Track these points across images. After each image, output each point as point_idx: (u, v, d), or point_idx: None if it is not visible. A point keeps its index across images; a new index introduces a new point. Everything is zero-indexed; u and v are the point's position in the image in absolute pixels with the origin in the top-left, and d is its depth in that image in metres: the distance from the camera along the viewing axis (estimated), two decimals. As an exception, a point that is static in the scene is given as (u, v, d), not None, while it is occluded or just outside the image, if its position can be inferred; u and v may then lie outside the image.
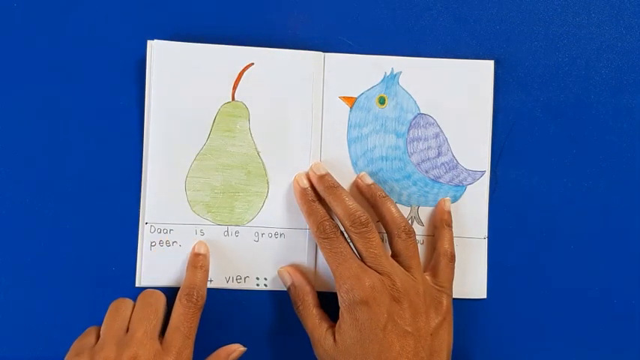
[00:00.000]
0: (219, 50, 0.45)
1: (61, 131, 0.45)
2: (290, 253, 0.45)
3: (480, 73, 0.46)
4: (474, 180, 0.46)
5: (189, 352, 0.40)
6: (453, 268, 0.44)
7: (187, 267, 0.44)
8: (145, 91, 0.45)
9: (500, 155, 0.46)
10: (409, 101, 0.46)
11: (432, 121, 0.46)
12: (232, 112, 0.45)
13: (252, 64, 0.45)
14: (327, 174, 0.44)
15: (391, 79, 0.46)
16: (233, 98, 0.45)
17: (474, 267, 0.46)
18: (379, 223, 0.44)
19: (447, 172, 0.46)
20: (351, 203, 0.42)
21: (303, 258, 0.45)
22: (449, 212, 0.45)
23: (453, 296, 0.43)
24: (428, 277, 0.43)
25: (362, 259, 0.41)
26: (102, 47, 0.45)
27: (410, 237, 0.42)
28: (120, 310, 0.41)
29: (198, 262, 0.43)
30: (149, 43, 0.45)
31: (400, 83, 0.46)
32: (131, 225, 0.45)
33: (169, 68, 0.44)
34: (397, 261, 0.42)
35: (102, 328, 0.41)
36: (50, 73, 0.45)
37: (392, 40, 0.46)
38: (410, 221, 0.46)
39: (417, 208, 0.46)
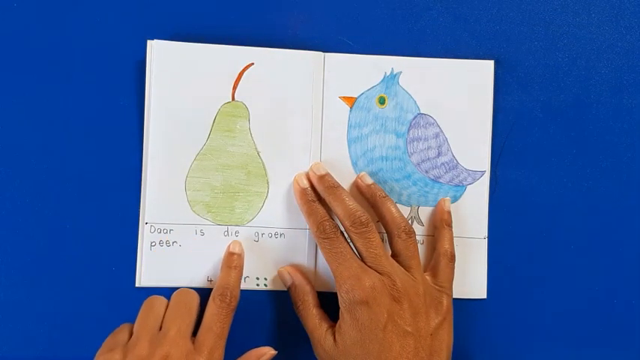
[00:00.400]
0: (219, 50, 0.45)
1: (61, 131, 0.45)
2: (290, 253, 0.45)
3: (480, 73, 0.46)
4: (474, 180, 0.46)
5: (220, 352, 0.40)
6: (453, 268, 0.44)
7: (222, 266, 0.44)
8: (145, 91, 0.45)
9: (500, 155, 0.46)
10: (409, 101, 0.46)
11: (432, 121, 0.46)
12: (232, 112, 0.45)
13: (252, 64, 0.45)
14: (327, 174, 0.44)
15: (391, 79, 0.46)
16: (233, 98, 0.45)
17: (474, 267, 0.46)
18: (379, 223, 0.44)
19: (447, 172, 0.46)
20: (351, 203, 0.42)
21: (303, 258, 0.45)
22: (449, 212, 0.45)
23: (453, 296, 0.43)
24: (428, 277, 0.43)
25: (362, 259, 0.41)
26: (102, 47, 0.45)
27: (410, 237, 0.42)
28: (154, 307, 0.41)
29: (232, 262, 0.43)
30: (149, 43, 0.45)
31: (400, 83, 0.46)
32: (131, 225, 0.45)
33: (169, 68, 0.45)
34: (397, 261, 0.42)
35: (135, 324, 0.41)
36: (50, 73, 0.45)
37: (392, 40, 0.46)
38: (410, 221, 0.46)
39: (417, 208, 0.46)
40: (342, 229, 0.42)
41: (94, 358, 0.40)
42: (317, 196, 0.44)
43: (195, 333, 0.41)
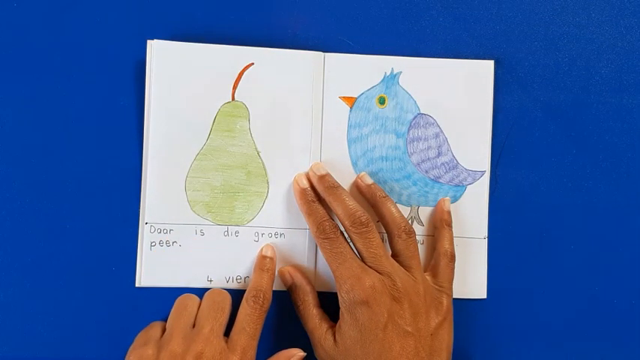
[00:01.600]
0: (219, 50, 0.45)
1: (61, 131, 0.45)
2: (290, 253, 0.45)
3: (480, 73, 0.46)
4: (474, 180, 0.46)
5: (253, 352, 0.40)
6: (453, 268, 0.44)
7: (254, 269, 0.44)
8: (145, 91, 0.45)
9: (500, 155, 0.46)
10: (409, 101, 0.46)
11: (432, 121, 0.46)
12: (232, 112, 0.45)
13: (252, 64, 0.45)
14: (327, 174, 0.44)
15: (391, 79, 0.46)
16: (233, 98, 0.45)
17: (474, 267, 0.46)
18: (379, 223, 0.44)
19: (447, 172, 0.46)
20: (352, 203, 0.42)
21: (303, 258, 0.45)
22: (449, 212, 0.45)
23: (453, 296, 0.43)
24: (428, 277, 0.43)
25: (362, 259, 0.41)
26: (102, 47, 0.45)
27: (410, 237, 0.42)
28: (187, 305, 0.42)
29: (265, 265, 0.44)
30: (149, 42, 0.45)
31: (400, 83, 0.46)
32: (131, 225, 0.45)
33: (169, 68, 0.44)
34: (397, 261, 0.42)
35: (168, 321, 0.42)
36: (50, 73, 0.45)
37: (392, 40, 0.46)
38: (410, 221, 0.46)
39: (417, 208, 0.46)
40: (342, 229, 0.43)
41: (127, 353, 0.40)
42: (317, 196, 0.44)
43: (227, 333, 0.41)
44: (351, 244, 0.42)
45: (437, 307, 0.42)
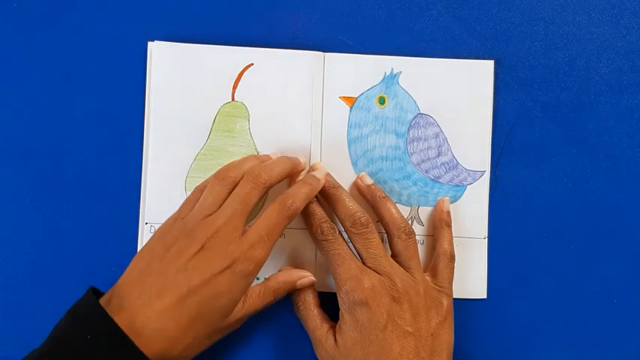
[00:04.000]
0: (219, 50, 0.45)
1: (61, 132, 0.45)
2: (290, 253, 0.45)
3: (480, 73, 0.46)
4: (474, 180, 0.46)
5: (264, 251, 0.39)
6: (453, 268, 0.44)
7: (298, 181, 0.43)
8: (145, 91, 0.45)
9: (500, 155, 0.46)
10: (409, 101, 0.46)
11: (432, 121, 0.46)
12: (232, 112, 0.45)
13: (252, 64, 0.45)
14: (327, 174, 0.44)
15: (391, 79, 0.46)
16: (233, 98, 0.45)
17: (474, 267, 0.46)
18: (379, 223, 0.44)
19: (447, 172, 0.46)
20: (352, 204, 0.42)
21: (303, 258, 0.45)
22: (448, 212, 0.45)
23: (453, 296, 0.43)
24: (428, 278, 0.43)
25: (362, 260, 0.41)
26: (102, 48, 0.45)
27: (410, 237, 0.42)
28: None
29: (308, 180, 0.42)
30: (149, 44, 0.45)
31: (400, 83, 0.46)
32: (131, 225, 0.45)
33: (170, 69, 0.45)
34: (397, 261, 0.42)
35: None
36: (51, 74, 0.45)
37: (392, 40, 0.46)
38: (410, 221, 0.46)
39: (417, 208, 0.46)
40: (341, 229, 0.42)
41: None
42: (316, 196, 0.44)
43: None
44: (350, 244, 0.42)
45: (437, 308, 0.42)
